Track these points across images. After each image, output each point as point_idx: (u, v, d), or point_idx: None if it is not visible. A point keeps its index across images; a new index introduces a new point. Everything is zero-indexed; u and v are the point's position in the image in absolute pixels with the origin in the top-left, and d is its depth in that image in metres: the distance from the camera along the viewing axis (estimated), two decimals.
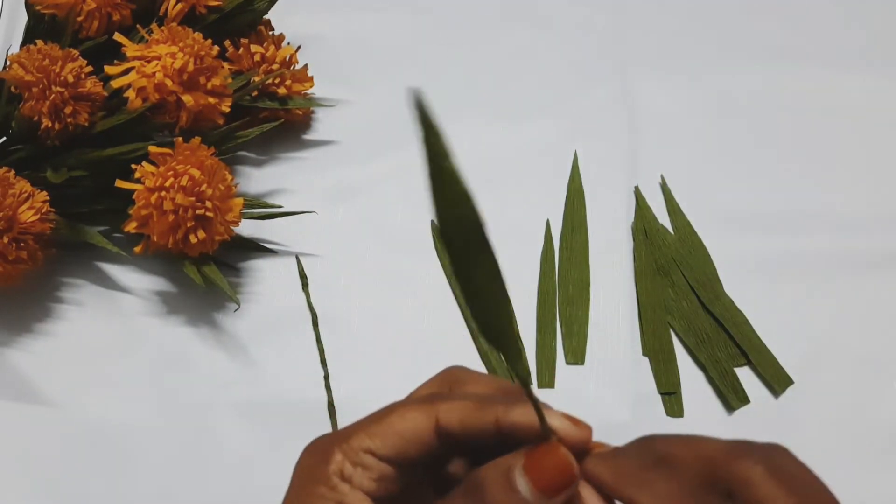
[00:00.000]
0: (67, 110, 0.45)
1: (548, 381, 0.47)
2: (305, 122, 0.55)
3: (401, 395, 0.30)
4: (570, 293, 0.49)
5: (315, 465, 0.27)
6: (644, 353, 0.47)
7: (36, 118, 0.45)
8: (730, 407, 0.46)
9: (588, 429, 0.26)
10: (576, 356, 0.47)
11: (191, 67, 0.46)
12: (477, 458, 0.27)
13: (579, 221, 0.51)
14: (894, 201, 0.53)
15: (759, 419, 0.45)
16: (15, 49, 0.51)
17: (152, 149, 0.45)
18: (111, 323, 0.48)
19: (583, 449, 0.26)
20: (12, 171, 0.44)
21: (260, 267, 0.50)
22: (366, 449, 0.27)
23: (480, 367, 0.47)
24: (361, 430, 0.28)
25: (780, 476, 0.24)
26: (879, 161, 0.54)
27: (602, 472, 0.26)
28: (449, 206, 0.20)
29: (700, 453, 0.25)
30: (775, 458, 0.25)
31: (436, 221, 0.20)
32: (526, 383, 0.24)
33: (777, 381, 0.46)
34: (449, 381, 0.30)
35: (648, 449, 0.26)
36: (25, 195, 0.44)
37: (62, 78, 0.44)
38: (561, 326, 0.48)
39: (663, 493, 0.25)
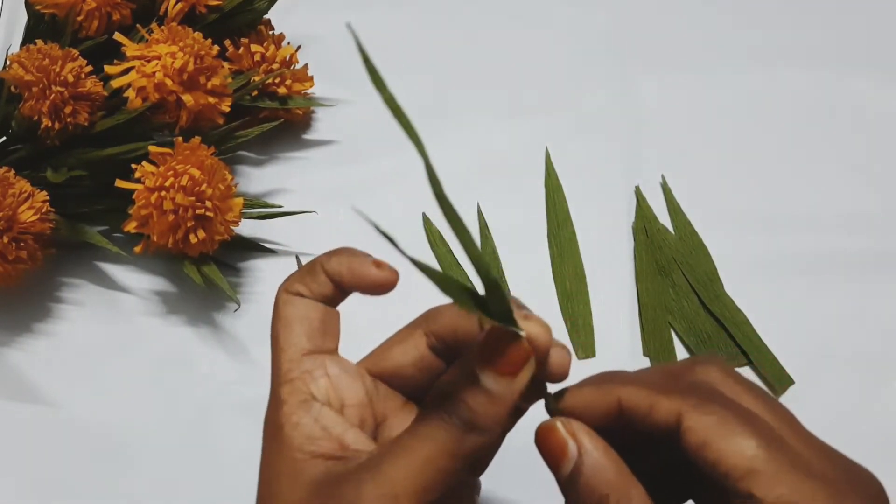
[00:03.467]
0: (67, 110, 0.45)
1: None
2: (305, 121, 0.55)
3: None
4: (568, 288, 0.49)
5: (270, 418, 0.28)
6: (645, 354, 0.47)
7: (36, 118, 0.45)
8: None
9: (546, 327, 0.27)
10: (586, 350, 0.47)
11: (191, 67, 0.46)
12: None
13: (563, 216, 0.51)
14: (894, 201, 0.53)
15: None
16: (15, 49, 0.50)
17: (152, 148, 0.45)
18: (111, 323, 0.48)
19: (547, 343, 0.27)
20: (12, 171, 0.44)
21: (260, 267, 0.50)
22: (302, 351, 0.29)
23: None
24: (279, 355, 0.29)
25: (737, 378, 0.28)
26: (880, 161, 0.54)
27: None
28: None
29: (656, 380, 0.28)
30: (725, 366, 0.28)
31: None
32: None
33: (778, 381, 0.46)
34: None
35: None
36: (25, 195, 0.44)
37: (62, 77, 0.44)
38: (565, 323, 0.48)
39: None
